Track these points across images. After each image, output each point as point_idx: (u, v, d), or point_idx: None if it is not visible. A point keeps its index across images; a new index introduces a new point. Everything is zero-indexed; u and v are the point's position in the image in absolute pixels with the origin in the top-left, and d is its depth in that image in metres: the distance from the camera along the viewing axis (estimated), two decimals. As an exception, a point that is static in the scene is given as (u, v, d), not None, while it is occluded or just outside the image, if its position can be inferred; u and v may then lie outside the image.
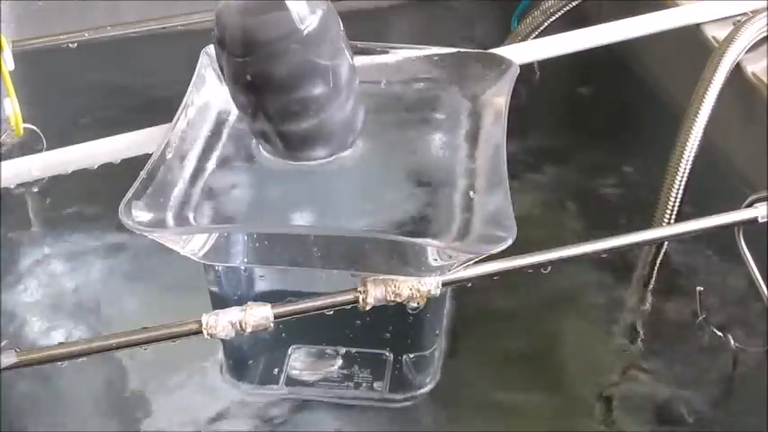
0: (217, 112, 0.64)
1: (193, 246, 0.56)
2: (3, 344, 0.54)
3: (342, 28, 0.57)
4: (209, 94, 0.65)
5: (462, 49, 0.67)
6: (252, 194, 0.57)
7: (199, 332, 0.54)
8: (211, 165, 0.59)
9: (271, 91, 0.55)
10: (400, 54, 0.68)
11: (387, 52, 0.67)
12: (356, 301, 0.55)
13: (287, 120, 0.56)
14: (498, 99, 0.64)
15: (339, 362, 0.74)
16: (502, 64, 0.66)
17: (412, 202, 0.56)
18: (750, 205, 0.62)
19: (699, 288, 0.73)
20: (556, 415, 0.74)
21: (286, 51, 0.54)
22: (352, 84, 0.58)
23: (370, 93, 0.65)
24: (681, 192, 0.74)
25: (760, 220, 0.61)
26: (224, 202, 0.57)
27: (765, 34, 0.79)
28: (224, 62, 0.56)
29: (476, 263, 0.54)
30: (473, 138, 0.62)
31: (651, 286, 0.80)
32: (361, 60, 0.65)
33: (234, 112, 0.64)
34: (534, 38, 0.95)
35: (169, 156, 0.59)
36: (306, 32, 0.54)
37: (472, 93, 0.65)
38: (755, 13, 0.80)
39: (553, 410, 0.74)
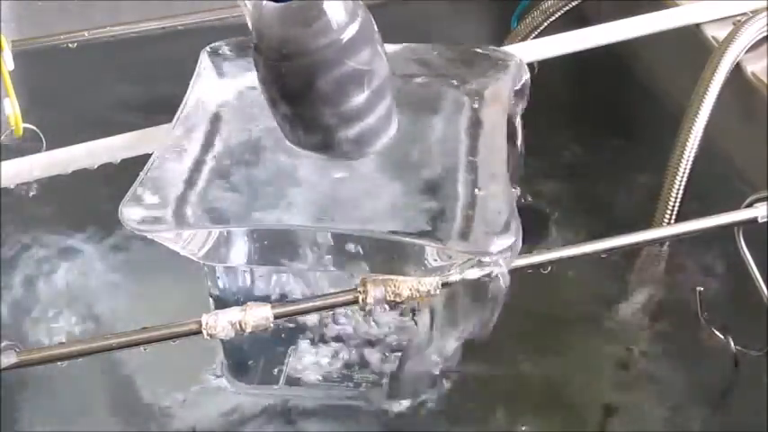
0: (216, 112, 0.64)
1: (193, 246, 0.56)
2: (3, 344, 0.54)
3: (377, 30, 0.55)
4: (209, 94, 0.65)
5: (465, 45, 0.67)
6: (251, 194, 0.57)
7: (198, 332, 0.54)
8: (211, 164, 0.59)
9: (309, 100, 0.54)
10: (402, 50, 0.67)
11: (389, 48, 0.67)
12: (356, 302, 0.55)
13: (326, 128, 0.55)
14: (501, 97, 0.64)
15: (339, 362, 0.74)
16: (505, 60, 0.66)
17: (412, 202, 0.56)
18: (750, 205, 0.62)
19: (699, 288, 0.73)
20: (556, 415, 0.74)
21: (325, 61, 0.52)
22: (388, 87, 0.57)
23: None
24: (681, 192, 0.74)
25: (760, 220, 0.61)
26: (224, 201, 0.57)
27: (765, 34, 0.79)
28: (260, 68, 0.55)
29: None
30: (475, 136, 0.61)
31: (651, 286, 0.80)
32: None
33: (233, 111, 0.64)
34: (534, 38, 0.95)
35: (169, 156, 0.59)
36: (345, 41, 0.52)
37: (474, 90, 0.65)
38: (755, 13, 0.80)
39: (554, 410, 0.74)
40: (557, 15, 0.96)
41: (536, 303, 0.81)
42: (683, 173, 0.74)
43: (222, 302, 0.68)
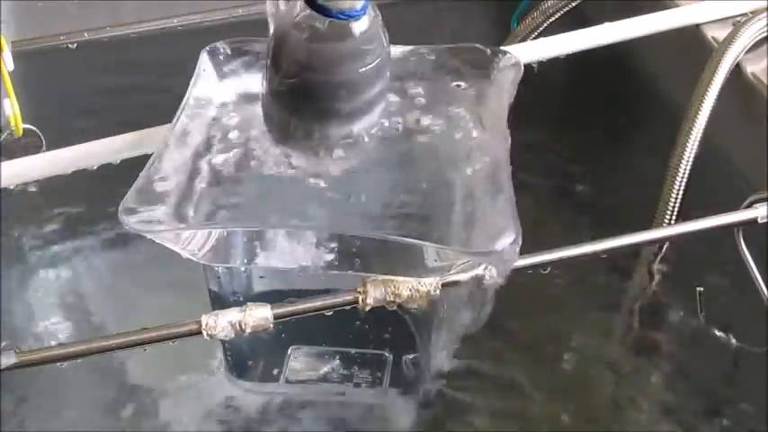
0: (216, 112, 0.64)
1: (193, 246, 0.56)
2: (3, 344, 0.54)
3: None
4: (209, 94, 0.65)
5: (465, 45, 0.67)
6: (251, 194, 0.57)
7: (198, 333, 0.54)
8: (211, 164, 0.59)
9: (318, 110, 0.58)
10: (402, 50, 0.67)
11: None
12: (356, 302, 0.55)
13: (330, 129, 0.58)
14: (501, 97, 0.64)
15: (339, 362, 0.74)
16: (505, 60, 0.66)
17: (411, 202, 0.56)
18: (750, 205, 0.62)
19: (699, 288, 0.73)
20: (557, 416, 0.74)
21: (343, 83, 0.56)
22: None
23: None
24: (681, 192, 0.74)
25: (760, 221, 0.61)
26: (223, 201, 0.57)
27: (765, 35, 0.79)
28: (272, 76, 0.58)
29: (475, 263, 0.54)
30: (475, 137, 0.61)
31: (651, 286, 0.80)
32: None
33: (233, 111, 0.64)
34: (534, 38, 0.95)
35: (169, 156, 0.59)
36: (364, 70, 0.56)
37: (473, 90, 0.65)
38: (755, 13, 0.80)
39: (553, 411, 0.74)
40: (557, 15, 0.95)
41: (533, 301, 0.81)
42: (683, 173, 0.74)
43: (222, 302, 0.68)
